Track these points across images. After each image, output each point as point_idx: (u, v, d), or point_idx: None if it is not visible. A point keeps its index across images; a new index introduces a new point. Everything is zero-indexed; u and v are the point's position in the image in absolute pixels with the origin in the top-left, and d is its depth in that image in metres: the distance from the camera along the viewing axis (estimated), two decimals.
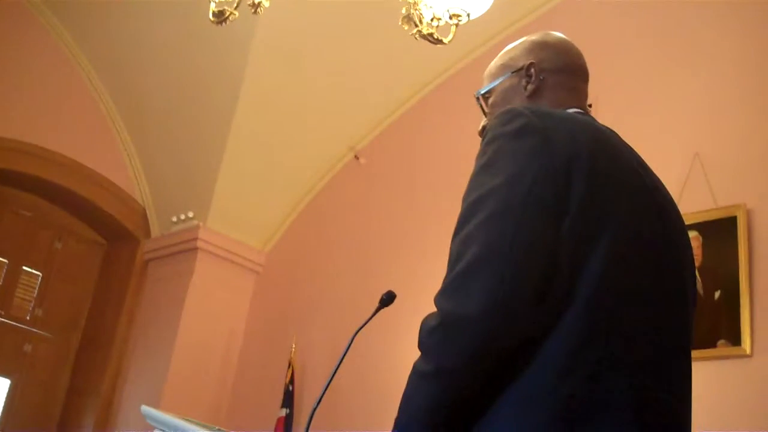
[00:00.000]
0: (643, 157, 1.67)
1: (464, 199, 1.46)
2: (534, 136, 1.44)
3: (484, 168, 1.46)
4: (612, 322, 1.36)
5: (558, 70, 1.75)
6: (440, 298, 1.39)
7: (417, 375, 1.39)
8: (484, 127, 1.81)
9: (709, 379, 3.70)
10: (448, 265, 1.42)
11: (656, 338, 1.42)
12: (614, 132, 1.66)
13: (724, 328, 3.78)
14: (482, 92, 1.85)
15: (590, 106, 1.86)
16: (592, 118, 1.70)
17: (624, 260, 1.41)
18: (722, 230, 3.94)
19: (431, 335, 1.37)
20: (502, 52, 1.87)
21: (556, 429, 1.29)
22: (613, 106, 4.53)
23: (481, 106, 1.87)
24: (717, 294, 3.86)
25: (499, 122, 1.51)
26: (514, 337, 1.33)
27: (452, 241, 1.44)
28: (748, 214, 3.92)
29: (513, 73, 1.78)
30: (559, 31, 1.91)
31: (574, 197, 1.39)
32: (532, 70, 1.75)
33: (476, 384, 1.35)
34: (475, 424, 1.37)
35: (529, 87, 1.74)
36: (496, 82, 1.81)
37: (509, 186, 1.39)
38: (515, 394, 1.33)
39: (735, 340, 3.74)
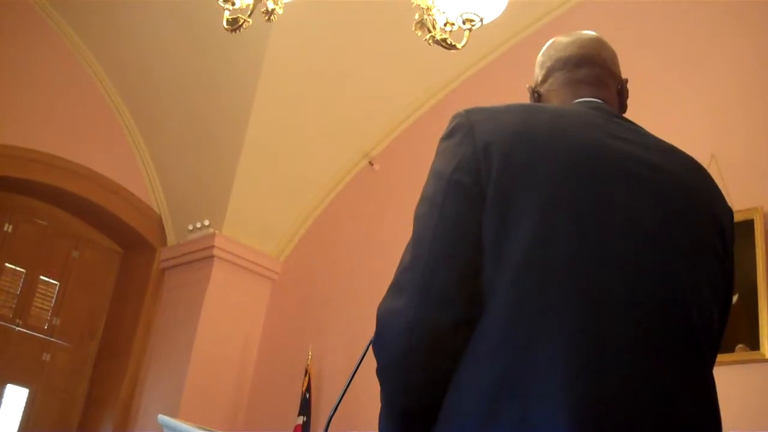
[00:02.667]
0: None
1: None
2: (460, 132, 1.50)
3: (428, 175, 1.54)
4: (541, 297, 1.32)
5: (544, 80, 1.79)
6: (380, 303, 1.45)
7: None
8: None
9: (729, 384, 3.66)
10: None
11: (604, 313, 1.32)
12: (583, 112, 1.60)
13: (743, 333, 3.76)
14: None
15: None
16: (591, 102, 1.65)
17: (550, 235, 1.36)
18: (739, 233, 3.87)
19: (373, 339, 1.43)
20: None
21: (484, 406, 1.28)
22: (628, 110, 4.51)
23: None
24: (735, 298, 3.83)
25: (444, 131, 1.56)
26: (441, 323, 1.35)
27: None
28: (765, 217, 3.90)
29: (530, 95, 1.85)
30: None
31: (492, 178, 1.41)
32: (529, 91, 1.83)
33: (422, 374, 1.38)
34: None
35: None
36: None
37: (434, 183, 1.48)
38: (458, 381, 1.35)
39: (754, 344, 3.72)
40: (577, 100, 1.67)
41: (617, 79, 1.78)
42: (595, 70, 1.74)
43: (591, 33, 1.82)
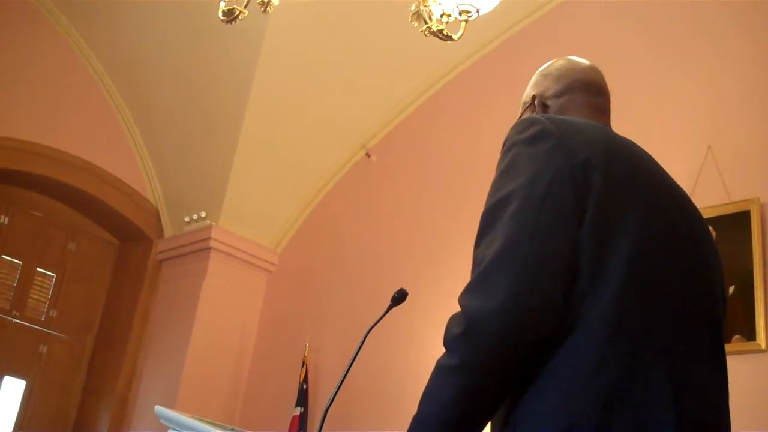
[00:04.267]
0: (656, 152, 1.69)
1: (486, 202, 1.50)
2: (550, 140, 1.49)
3: (503, 173, 1.50)
4: (641, 313, 1.39)
5: (559, 94, 1.80)
6: (464, 297, 1.42)
7: (441, 370, 1.41)
8: None
9: None
10: (472, 267, 1.45)
11: (683, 329, 1.45)
12: (632, 141, 1.69)
13: (739, 324, 3.76)
14: None
15: None
16: (608, 128, 1.74)
17: (647, 254, 1.44)
18: (735, 225, 3.92)
19: (456, 332, 1.39)
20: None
21: (596, 416, 1.31)
22: (625, 101, 4.50)
23: None
24: (731, 289, 3.84)
25: (517, 130, 1.55)
26: (538, 331, 1.36)
27: (476, 244, 1.48)
28: (762, 208, 3.90)
29: (527, 108, 1.85)
30: (569, 26, 1.91)
31: (593, 194, 1.43)
32: (536, 101, 1.82)
33: (500, 378, 1.37)
34: (506, 417, 1.40)
35: None
36: (520, 115, 1.88)
37: (528, 187, 1.43)
38: (549, 387, 1.36)
39: (750, 335, 3.72)
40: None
41: None
42: (605, 101, 1.83)
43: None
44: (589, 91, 1.80)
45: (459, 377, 1.37)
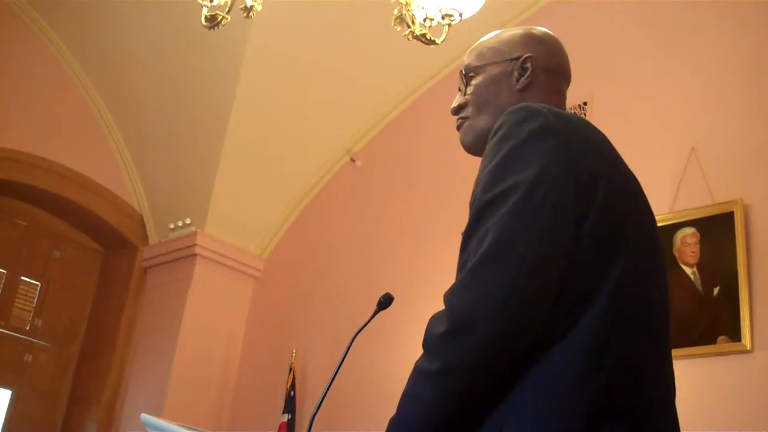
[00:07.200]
0: (639, 153, 1.69)
1: (479, 195, 1.43)
2: (552, 137, 1.44)
3: (500, 165, 1.43)
4: (624, 327, 1.38)
5: (548, 70, 1.73)
6: (450, 295, 1.37)
7: (420, 373, 1.36)
8: (460, 106, 1.76)
9: (710, 375, 3.69)
10: (461, 258, 1.42)
11: (649, 344, 1.45)
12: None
13: (724, 324, 3.78)
14: (470, 69, 1.77)
15: (585, 104, 1.86)
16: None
17: (635, 269, 1.43)
18: (719, 226, 3.94)
19: (438, 333, 1.34)
20: (496, 34, 1.80)
21: (584, 424, 1.30)
22: (608, 101, 4.53)
23: (463, 82, 1.78)
24: (716, 290, 3.85)
25: (516, 119, 1.48)
26: (524, 338, 1.32)
27: (468, 236, 1.42)
28: (745, 209, 3.92)
29: (507, 60, 1.72)
30: (554, 28, 1.89)
31: (596, 202, 1.40)
32: (529, 64, 1.71)
33: (483, 384, 1.33)
34: (490, 416, 1.35)
35: (522, 81, 1.70)
36: (486, 63, 1.74)
37: (528, 186, 1.37)
38: (532, 395, 1.32)
39: (735, 335, 3.74)
40: None
41: None
42: (567, 87, 1.81)
43: None
44: (564, 77, 1.77)
45: (441, 381, 1.33)
